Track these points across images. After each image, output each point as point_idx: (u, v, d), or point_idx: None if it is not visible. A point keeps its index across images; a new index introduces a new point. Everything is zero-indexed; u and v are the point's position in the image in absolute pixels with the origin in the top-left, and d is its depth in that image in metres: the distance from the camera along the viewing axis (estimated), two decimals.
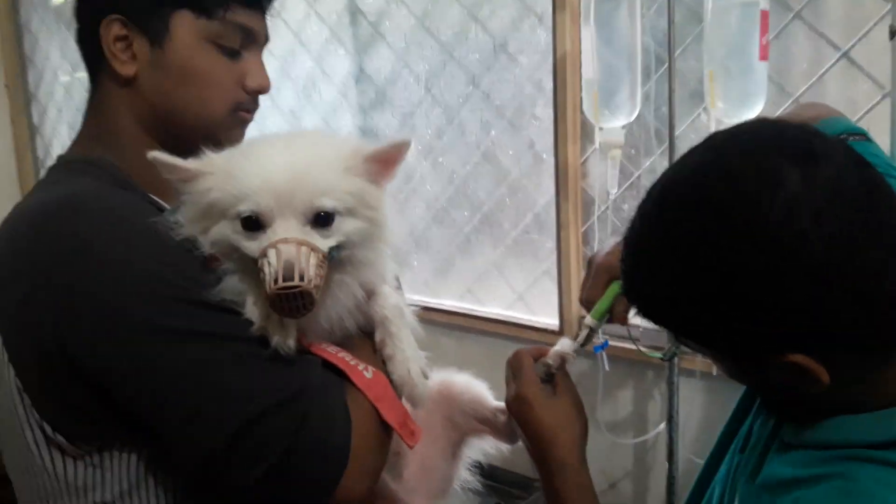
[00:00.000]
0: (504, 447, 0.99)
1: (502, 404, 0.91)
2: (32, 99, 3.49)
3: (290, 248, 0.68)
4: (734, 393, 0.87)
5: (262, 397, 0.69)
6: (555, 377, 0.88)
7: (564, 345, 0.90)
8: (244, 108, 0.87)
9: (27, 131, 3.49)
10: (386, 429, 0.76)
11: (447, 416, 0.92)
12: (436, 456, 0.95)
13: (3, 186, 3.37)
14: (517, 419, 0.85)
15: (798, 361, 0.60)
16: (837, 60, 1.47)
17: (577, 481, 0.82)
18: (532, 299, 2.07)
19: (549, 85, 1.86)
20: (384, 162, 0.76)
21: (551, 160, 1.90)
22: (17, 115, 3.46)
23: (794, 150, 0.59)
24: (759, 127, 0.67)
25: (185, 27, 0.81)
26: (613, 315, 0.92)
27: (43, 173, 0.85)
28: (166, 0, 0.81)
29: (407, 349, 0.79)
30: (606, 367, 1.78)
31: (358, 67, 2.34)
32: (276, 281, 0.66)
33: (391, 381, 0.78)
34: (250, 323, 0.71)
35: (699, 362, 1.63)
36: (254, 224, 0.70)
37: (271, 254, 0.68)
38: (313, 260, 0.68)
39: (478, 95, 2.07)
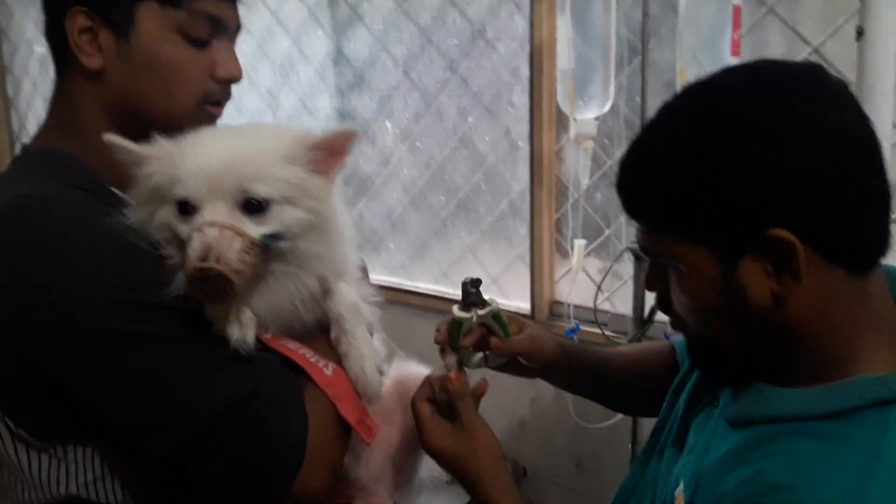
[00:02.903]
0: None
1: None
2: (7, 72, 3.42)
3: (212, 231, 0.68)
4: None
5: (218, 398, 0.70)
6: (454, 406, 0.85)
7: (449, 364, 0.90)
8: (213, 99, 0.86)
9: (1, 105, 3.43)
10: (344, 425, 0.78)
11: (407, 409, 0.94)
12: (400, 446, 0.97)
13: None
14: (438, 464, 0.86)
15: (782, 236, 0.61)
16: (808, 56, 1.48)
17: (512, 499, 0.83)
18: (505, 283, 2.09)
19: (526, 73, 1.86)
20: (331, 152, 0.74)
21: (527, 147, 1.91)
22: None
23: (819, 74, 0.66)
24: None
25: (150, 17, 0.80)
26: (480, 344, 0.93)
27: (15, 150, 0.84)
28: None
29: (362, 346, 0.80)
30: None
31: (336, 49, 2.33)
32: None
33: None
34: (207, 322, 0.72)
35: None
36: (187, 208, 0.71)
37: (195, 237, 0.68)
38: (237, 244, 0.68)
39: (455, 81, 2.07)
